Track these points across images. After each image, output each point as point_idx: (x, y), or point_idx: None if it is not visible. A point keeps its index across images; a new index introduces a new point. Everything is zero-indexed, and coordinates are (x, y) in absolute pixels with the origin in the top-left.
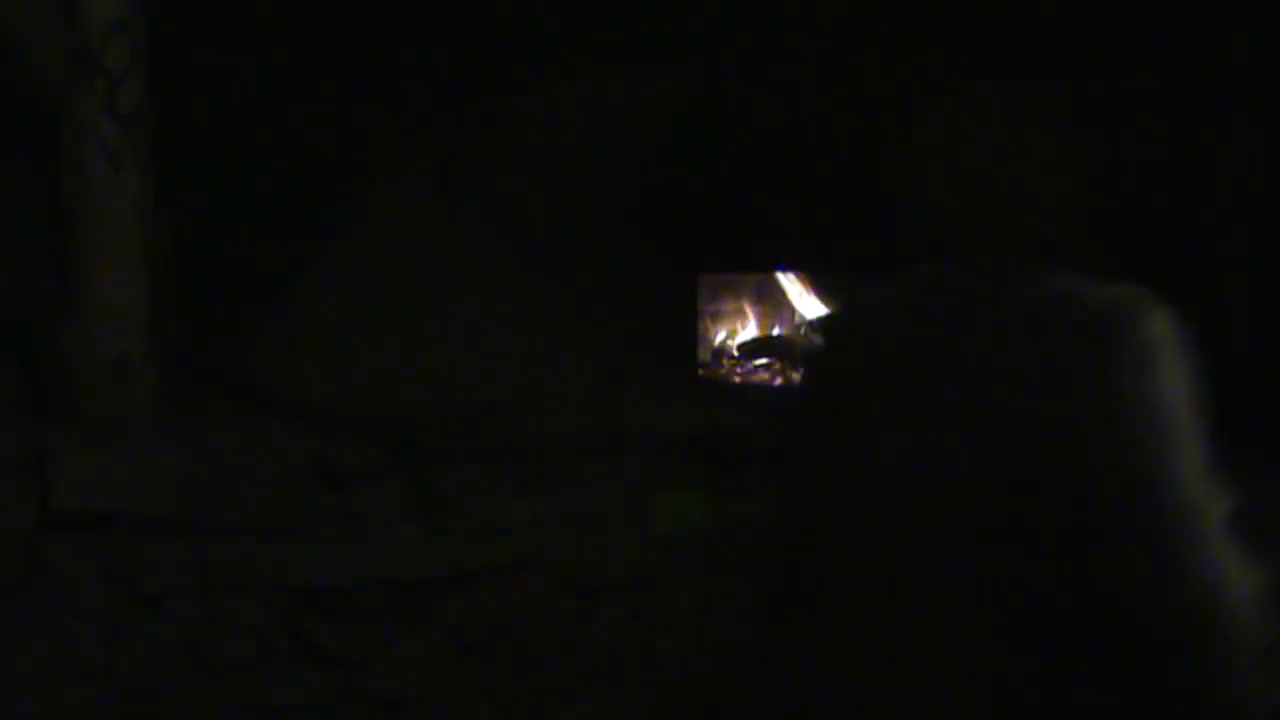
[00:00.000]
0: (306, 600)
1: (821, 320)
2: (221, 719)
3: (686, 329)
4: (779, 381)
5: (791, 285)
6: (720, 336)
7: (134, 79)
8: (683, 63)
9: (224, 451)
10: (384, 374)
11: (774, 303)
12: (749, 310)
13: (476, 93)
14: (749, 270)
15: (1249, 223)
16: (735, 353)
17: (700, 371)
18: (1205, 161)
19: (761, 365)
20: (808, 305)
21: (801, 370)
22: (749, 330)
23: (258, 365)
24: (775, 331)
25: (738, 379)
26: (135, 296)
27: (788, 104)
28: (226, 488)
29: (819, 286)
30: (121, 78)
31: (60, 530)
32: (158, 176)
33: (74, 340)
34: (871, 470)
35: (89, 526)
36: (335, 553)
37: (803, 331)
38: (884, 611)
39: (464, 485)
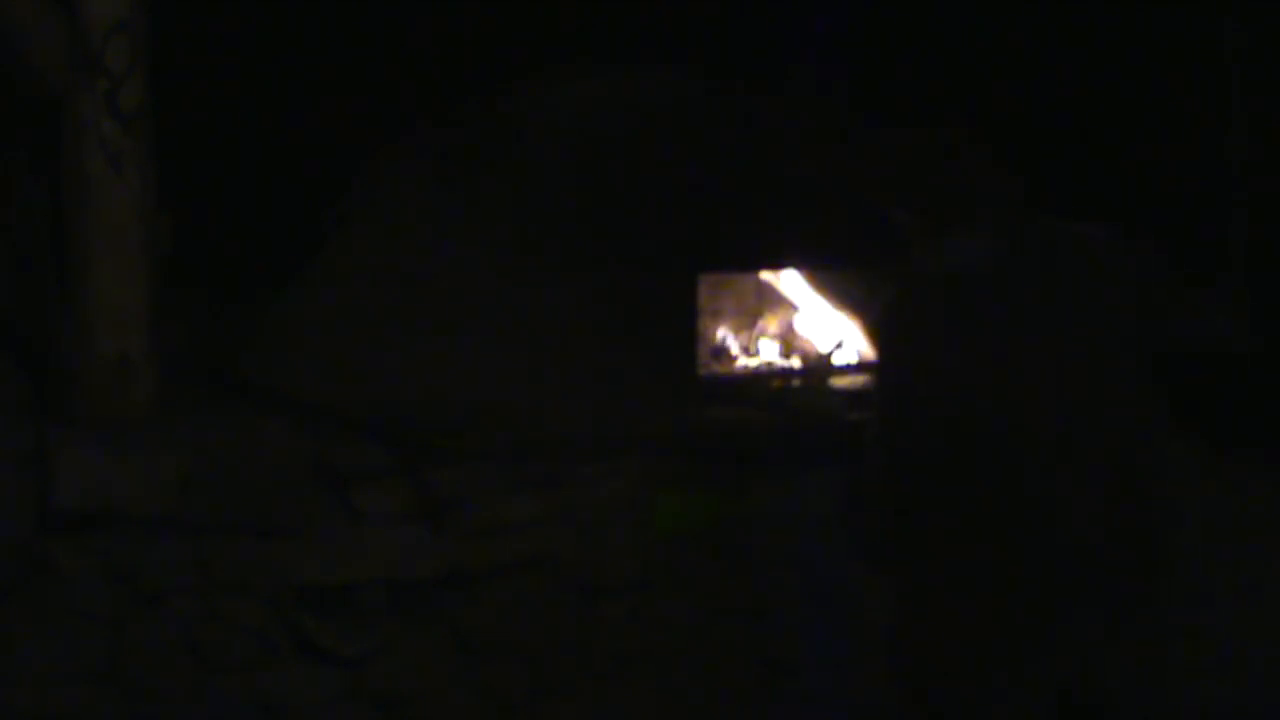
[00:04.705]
0: (307, 599)
1: (912, 276)
2: (222, 718)
3: (686, 329)
4: (777, 382)
5: (791, 285)
6: (720, 336)
7: (134, 79)
8: (683, 63)
9: (224, 451)
10: (384, 374)
11: (772, 302)
12: (748, 310)
13: (477, 93)
14: (749, 270)
15: (1247, 212)
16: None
17: (700, 371)
18: (1205, 154)
19: (762, 364)
20: (807, 304)
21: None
22: (749, 329)
23: (257, 365)
24: (773, 330)
25: (737, 378)
26: (135, 296)
27: (784, 104)
28: (226, 488)
29: (819, 286)
30: (122, 78)
31: (61, 530)
32: (158, 177)
33: (74, 340)
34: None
35: (89, 526)
36: (335, 553)
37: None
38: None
39: (464, 485)
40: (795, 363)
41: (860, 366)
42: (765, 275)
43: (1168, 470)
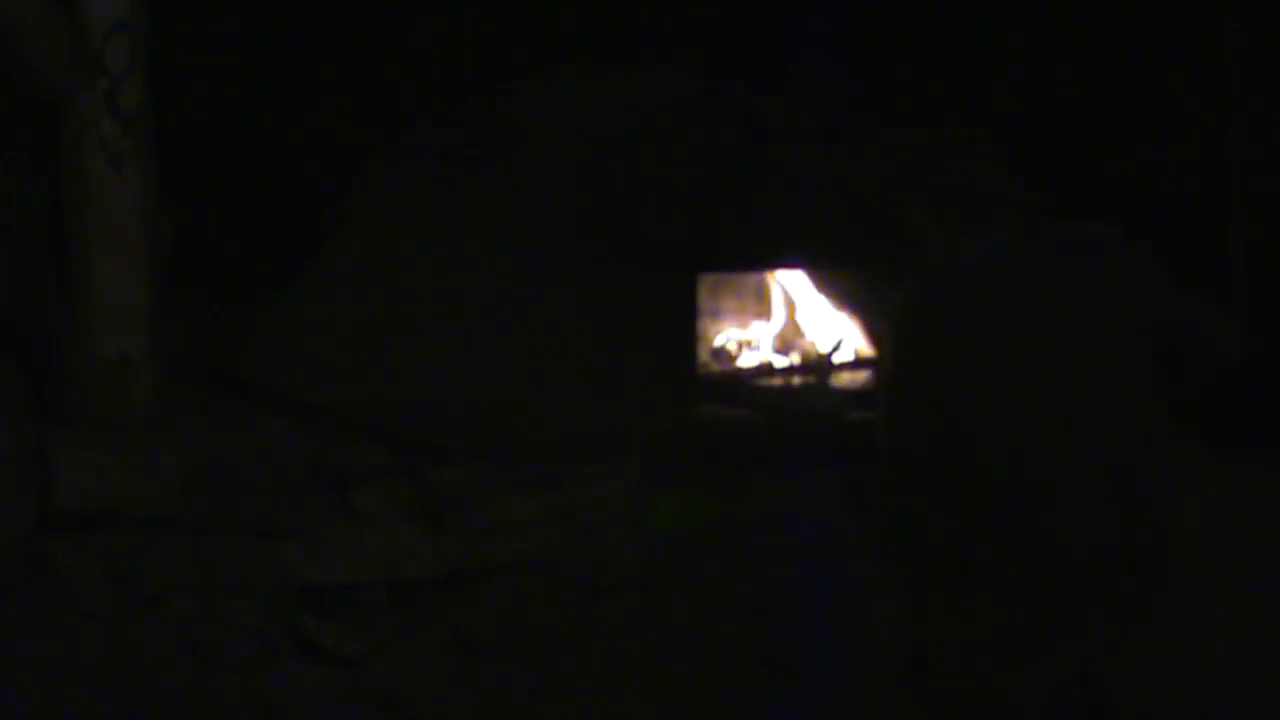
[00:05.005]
0: (307, 600)
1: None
2: (222, 718)
3: (686, 329)
4: (777, 381)
5: (791, 285)
6: (720, 336)
7: (134, 79)
8: (683, 63)
9: (224, 451)
10: (384, 374)
11: (772, 302)
12: (748, 310)
13: (477, 93)
14: (749, 270)
15: (1247, 212)
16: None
17: (700, 371)
18: (1205, 154)
19: (762, 364)
20: (807, 304)
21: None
22: (749, 330)
23: (257, 365)
24: (773, 330)
25: (737, 378)
26: (135, 296)
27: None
28: (226, 488)
29: (819, 286)
30: (122, 78)
31: (61, 530)
32: (158, 177)
33: (74, 340)
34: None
35: (89, 526)
36: (335, 553)
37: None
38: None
39: (464, 485)
40: (795, 363)
41: (860, 366)
42: (765, 275)
43: (1171, 471)
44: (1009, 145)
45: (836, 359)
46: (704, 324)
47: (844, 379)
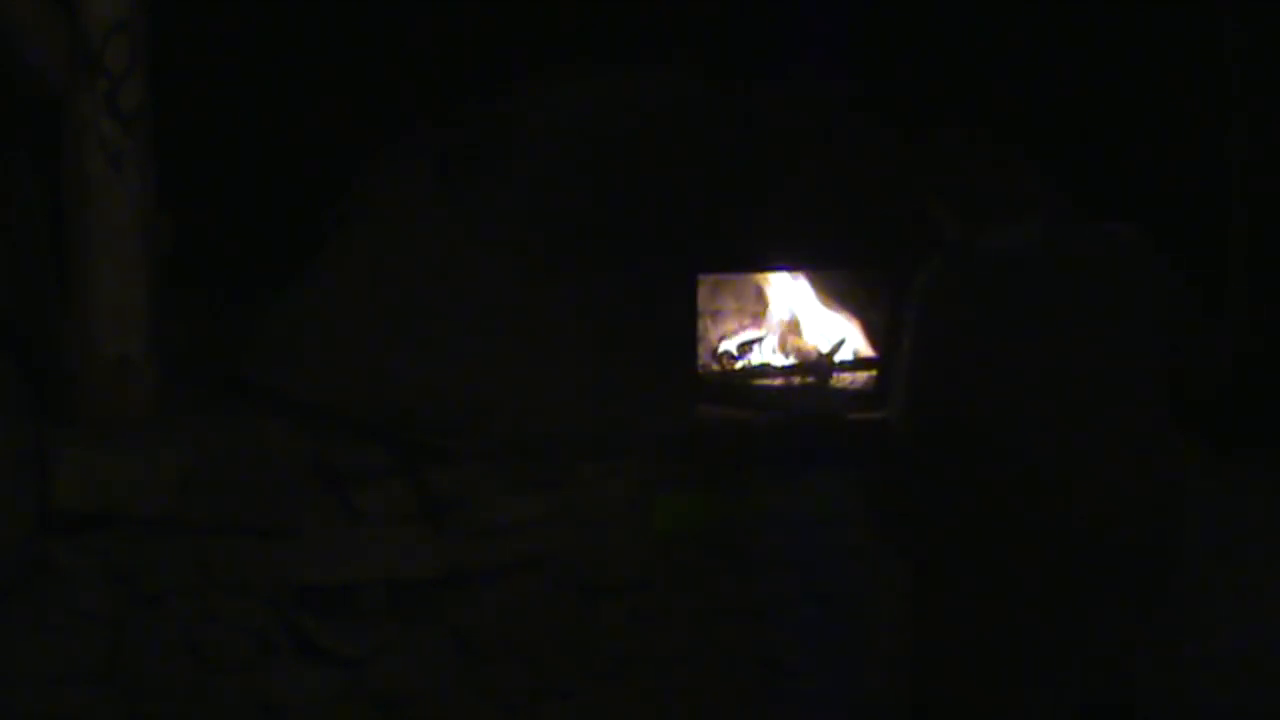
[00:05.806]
0: (307, 600)
1: (949, 262)
2: (222, 718)
3: (686, 329)
4: (778, 381)
5: (791, 285)
6: (720, 336)
7: (134, 79)
8: (683, 63)
9: (224, 451)
10: (384, 374)
11: (772, 302)
12: (748, 310)
13: (477, 93)
14: (749, 270)
15: (1247, 212)
16: (734, 352)
17: (700, 371)
18: (1205, 154)
19: (759, 365)
20: (807, 304)
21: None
22: (749, 329)
23: (257, 365)
24: (773, 330)
25: (737, 378)
26: (135, 296)
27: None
28: (226, 488)
29: (819, 286)
30: (122, 78)
31: (61, 530)
32: (158, 177)
33: (74, 340)
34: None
35: (89, 526)
36: (335, 553)
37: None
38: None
39: (464, 485)
40: (795, 363)
41: (860, 367)
42: (765, 275)
43: (1175, 469)
44: (1009, 145)
45: (837, 359)
46: (704, 324)
47: (844, 379)
